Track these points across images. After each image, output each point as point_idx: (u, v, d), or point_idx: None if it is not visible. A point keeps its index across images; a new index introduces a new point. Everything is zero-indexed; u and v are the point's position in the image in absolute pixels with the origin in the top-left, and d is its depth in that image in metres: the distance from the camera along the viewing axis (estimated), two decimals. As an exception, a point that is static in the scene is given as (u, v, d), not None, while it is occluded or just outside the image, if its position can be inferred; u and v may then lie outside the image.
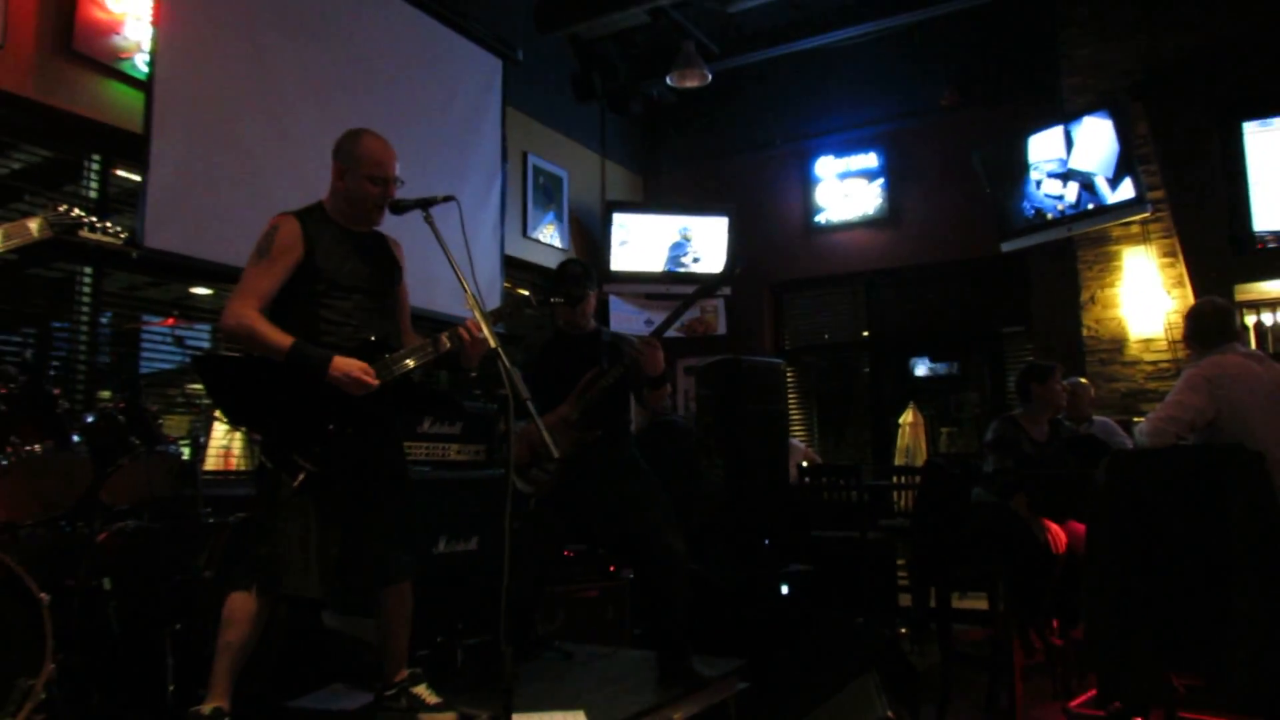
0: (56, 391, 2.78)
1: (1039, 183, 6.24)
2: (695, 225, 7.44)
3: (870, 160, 7.38)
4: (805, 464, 6.42)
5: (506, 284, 6.15)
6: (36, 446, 2.70)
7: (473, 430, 4.07)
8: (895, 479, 6.55)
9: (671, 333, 7.32)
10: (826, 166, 7.55)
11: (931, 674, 4.32)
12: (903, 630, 5.46)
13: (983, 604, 4.99)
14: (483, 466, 4.10)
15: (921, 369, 7.71)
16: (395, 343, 2.75)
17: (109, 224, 1.71)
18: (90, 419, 3.01)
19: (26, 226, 1.60)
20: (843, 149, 7.49)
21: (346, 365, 2.53)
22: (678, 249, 7.39)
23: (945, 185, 7.02)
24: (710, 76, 6.83)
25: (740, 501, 4.82)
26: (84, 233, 1.66)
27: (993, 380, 7.08)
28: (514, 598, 2.51)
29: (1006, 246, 6.42)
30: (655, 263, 7.34)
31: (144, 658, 2.90)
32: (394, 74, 5.29)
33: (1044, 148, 6.23)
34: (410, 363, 2.66)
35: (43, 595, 2.48)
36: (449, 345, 2.68)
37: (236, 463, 4.77)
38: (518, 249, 6.53)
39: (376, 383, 2.56)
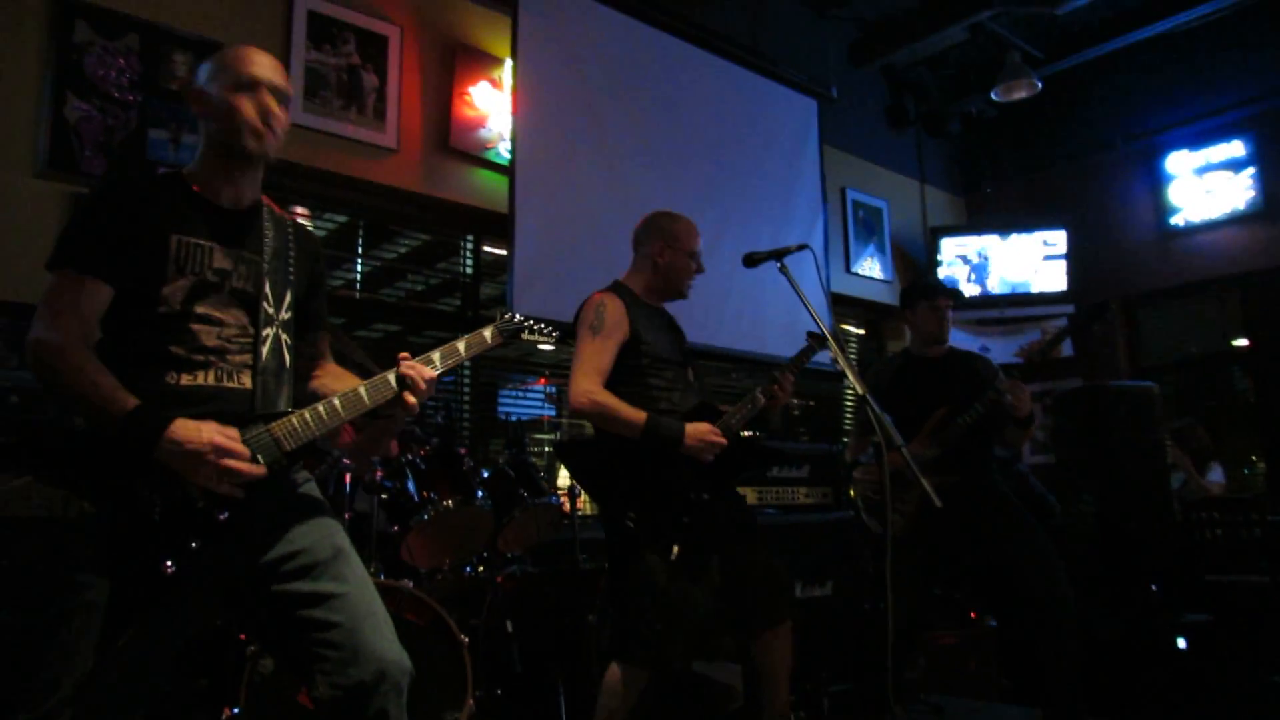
0: (463, 451, 3.11)
1: None
2: (1028, 242, 6.94)
3: (1236, 149, 6.46)
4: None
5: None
6: (449, 502, 3.04)
7: (819, 472, 4.03)
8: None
9: (1010, 358, 6.85)
10: (1180, 162, 6.71)
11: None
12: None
13: None
14: (831, 509, 4.04)
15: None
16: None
17: (543, 325, 1.96)
18: (486, 474, 3.33)
19: (483, 336, 1.90)
20: (1199, 140, 6.62)
21: (699, 431, 2.60)
22: (1010, 269, 6.94)
23: (1339, 165, 5.99)
24: (1040, 85, 6.38)
25: (1117, 541, 4.35)
26: (525, 335, 1.92)
27: None
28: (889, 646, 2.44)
29: None
30: (987, 286, 6.94)
31: (541, 695, 3.15)
32: (717, 130, 5.47)
33: None
34: (740, 419, 2.72)
35: (463, 637, 2.77)
36: (764, 400, 2.72)
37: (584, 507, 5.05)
38: (841, 285, 6.45)
39: (725, 441, 2.63)
